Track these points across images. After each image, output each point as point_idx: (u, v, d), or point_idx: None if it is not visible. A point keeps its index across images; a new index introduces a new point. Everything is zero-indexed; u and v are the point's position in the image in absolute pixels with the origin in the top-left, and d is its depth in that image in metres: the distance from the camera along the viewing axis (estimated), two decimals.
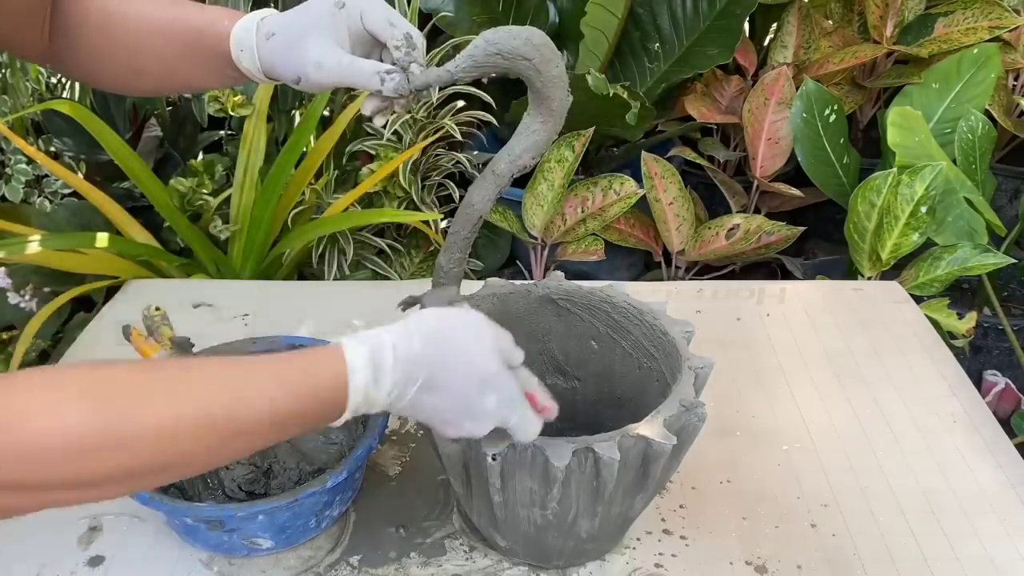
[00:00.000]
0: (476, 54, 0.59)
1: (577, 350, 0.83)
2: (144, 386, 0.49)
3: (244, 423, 0.51)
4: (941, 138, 1.66)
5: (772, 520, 0.79)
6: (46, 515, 0.78)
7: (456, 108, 1.77)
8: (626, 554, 0.76)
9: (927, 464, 0.86)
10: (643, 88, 1.96)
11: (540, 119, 0.62)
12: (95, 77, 0.76)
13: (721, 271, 2.03)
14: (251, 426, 0.52)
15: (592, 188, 1.79)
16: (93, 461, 0.47)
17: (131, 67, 0.72)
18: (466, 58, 0.59)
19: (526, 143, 0.63)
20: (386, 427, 0.75)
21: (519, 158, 0.63)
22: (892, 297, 1.14)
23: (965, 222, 1.53)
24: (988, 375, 1.80)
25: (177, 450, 0.49)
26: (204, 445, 0.50)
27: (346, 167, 1.77)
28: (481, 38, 0.59)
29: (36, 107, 1.59)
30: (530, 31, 0.59)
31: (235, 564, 0.75)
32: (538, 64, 0.59)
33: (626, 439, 0.62)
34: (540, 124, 0.62)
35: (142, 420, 0.48)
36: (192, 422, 0.49)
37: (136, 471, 0.49)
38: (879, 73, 1.99)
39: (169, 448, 0.49)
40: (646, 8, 1.95)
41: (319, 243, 1.63)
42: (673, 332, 0.74)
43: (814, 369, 1.00)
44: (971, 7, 1.84)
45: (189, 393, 0.50)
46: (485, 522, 0.71)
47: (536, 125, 0.62)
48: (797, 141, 1.79)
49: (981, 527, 0.79)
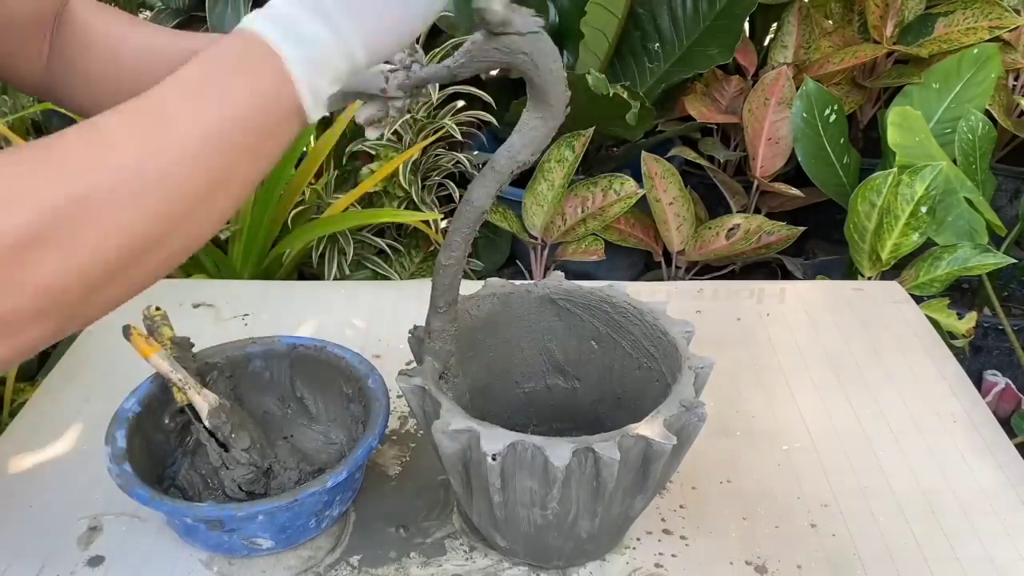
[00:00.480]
0: (474, 49, 0.59)
1: (577, 350, 0.83)
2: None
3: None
4: (941, 138, 1.66)
5: (772, 520, 0.79)
6: (46, 515, 0.79)
7: (456, 108, 1.77)
8: (626, 554, 0.76)
9: (927, 464, 0.86)
10: (643, 88, 1.96)
11: (539, 115, 0.62)
12: (94, 107, 0.74)
13: (721, 271, 2.03)
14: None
15: (592, 188, 1.80)
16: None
17: (132, 93, 0.72)
18: (464, 53, 0.59)
19: (525, 139, 0.63)
20: (386, 427, 0.75)
21: (519, 154, 0.63)
22: (892, 297, 1.14)
23: (965, 222, 1.53)
24: (988, 375, 1.80)
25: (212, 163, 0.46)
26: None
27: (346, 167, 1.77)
28: (479, 33, 0.59)
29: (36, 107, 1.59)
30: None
31: (235, 564, 0.75)
32: (536, 59, 0.58)
33: (626, 439, 0.62)
34: (539, 120, 0.62)
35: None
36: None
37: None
38: (879, 73, 1.99)
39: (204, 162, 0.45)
40: (646, 8, 1.95)
41: (319, 243, 1.63)
42: (673, 332, 0.74)
43: (814, 369, 1.00)
44: (971, 7, 1.84)
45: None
46: (485, 522, 0.71)
47: (535, 121, 0.62)
48: (797, 141, 1.79)
49: (981, 527, 0.79)
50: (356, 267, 1.70)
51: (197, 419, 0.76)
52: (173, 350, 0.76)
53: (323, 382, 0.84)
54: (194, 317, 1.07)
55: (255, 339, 0.84)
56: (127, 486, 0.69)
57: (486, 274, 1.94)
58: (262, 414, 0.84)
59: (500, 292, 0.81)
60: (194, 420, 0.77)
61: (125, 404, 0.75)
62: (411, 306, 1.09)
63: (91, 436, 0.88)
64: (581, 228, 1.81)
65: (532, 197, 1.78)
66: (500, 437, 0.62)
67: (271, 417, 0.85)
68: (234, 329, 1.05)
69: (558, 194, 1.77)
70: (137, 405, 0.75)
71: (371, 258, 1.73)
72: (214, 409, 0.75)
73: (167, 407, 0.78)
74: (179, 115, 0.45)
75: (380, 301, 1.11)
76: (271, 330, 0.92)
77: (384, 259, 1.75)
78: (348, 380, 0.81)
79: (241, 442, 0.76)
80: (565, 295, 0.81)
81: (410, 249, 1.83)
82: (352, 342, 0.85)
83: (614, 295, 0.79)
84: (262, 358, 0.83)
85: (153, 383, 0.77)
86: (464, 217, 0.66)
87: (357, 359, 0.81)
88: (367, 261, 1.72)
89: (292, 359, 0.84)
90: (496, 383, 0.83)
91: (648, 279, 2.05)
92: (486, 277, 0.85)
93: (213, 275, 1.52)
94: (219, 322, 1.07)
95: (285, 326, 1.04)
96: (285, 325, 1.04)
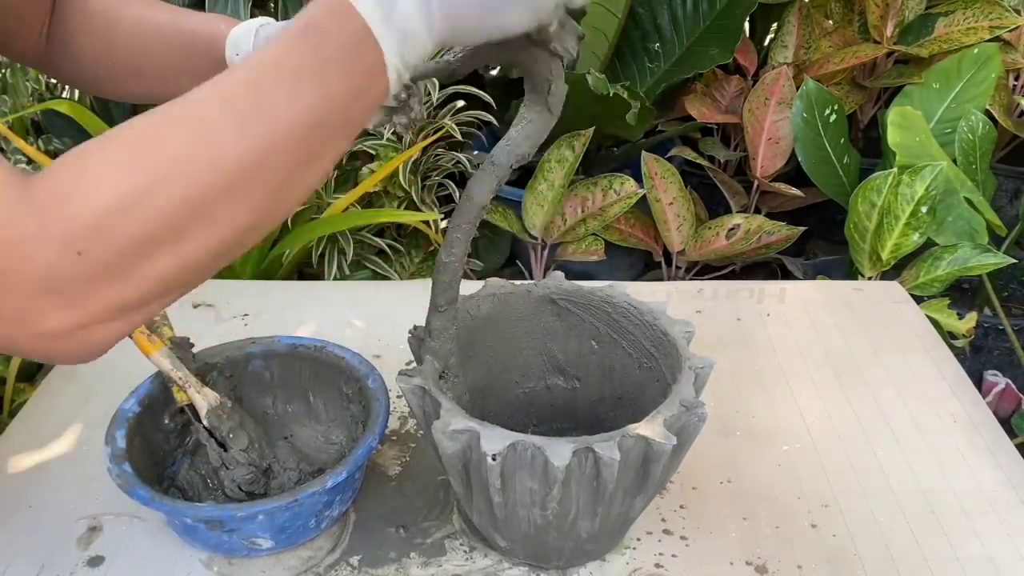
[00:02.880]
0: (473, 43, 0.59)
1: (577, 350, 0.83)
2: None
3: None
4: (941, 138, 1.66)
5: (772, 520, 0.79)
6: (46, 515, 0.79)
7: (456, 108, 1.77)
8: (626, 554, 0.76)
9: (927, 464, 0.86)
10: (643, 88, 1.96)
11: (536, 108, 0.62)
12: (90, 80, 0.75)
13: (721, 271, 2.03)
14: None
15: (592, 188, 1.79)
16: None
17: (126, 69, 0.72)
18: (464, 48, 0.59)
19: (523, 132, 0.63)
20: (386, 427, 0.75)
21: (518, 147, 0.63)
22: (892, 297, 1.14)
23: (965, 222, 1.53)
24: (988, 375, 1.80)
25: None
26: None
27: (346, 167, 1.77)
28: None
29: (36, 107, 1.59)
30: None
31: (235, 564, 0.75)
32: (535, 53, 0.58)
33: (626, 439, 0.62)
34: (536, 113, 0.62)
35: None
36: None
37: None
38: (879, 73, 1.99)
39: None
40: (646, 8, 1.95)
41: (319, 243, 1.63)
42: (673, 332, 0.74)
43: (814, 369, 1.00)
44: (971, 7, 1.84)
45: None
46: (485, 522, 0.71)
47: (532, 115, 0.62)
48: (797, 141, 1.79)
49: (981, 527, 0.79)
50: (356, 267, 1.70)
51: (197, 419, 0.76)
52: (173, 350, 0.76)
53: (323, 382, 0.84)
54: (194, 317, 1.07)
55: (255, 339, 0.84)
56: (127, 486, 0.69)
57: (486, 274, 1.94)
58: (262, 414, 0.84)
59: (500, 292, 0.81)
60: (194, 420, 0.77)
61: (125, 404, 0.75)
62: (411, 306, 1.09)
63: (91, 436, 0.88)
64: (581, 228, 1.80)
65: (532, 197, 1.78)
66: (500, 437, 0.62)
67: (271, 417, 0.85)
68: (234, 329, 1.05)
69: (558, 194, 1.77)
70: (137, 405, 0.75)
71: (371, 258, 1.73)
72: (213, 408, 0.75)
73: (167, 407, 0.78)
74: (276, 105, 0.45)
75: (380, 301, 1.11)
76: (271, 330, 0.92)
77: (384, 259, 1.75)
78: (348, 380, 0.81)
79: (240, 442, 0.76)
80: (565, 295, 0.81)
81: (410, 249, 1.83)
82: (352, 342, 0.85)
83: (614, 295, 0.79)
84: (262, 358, 0.83)
85: (153, 383, 0.77)
86: (464, 213, 0.66)
87: (357, 359, 0.81)
88: (367, 261, 1.72)
89: (292, 359, 0.84)
90: (496, 383, 0.83)
91: (648, 279, 2.05)
92: (486, 277, 0.85)
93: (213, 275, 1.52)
94: (219, 322, 1.07)
95: (285, 326, 1.04)
96: (285, 325, 1.04)
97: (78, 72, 0.74)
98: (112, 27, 0.71)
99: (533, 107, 0.62)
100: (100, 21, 0.71)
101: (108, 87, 0.75)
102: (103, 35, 0.71)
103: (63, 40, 0.72)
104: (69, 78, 0.77)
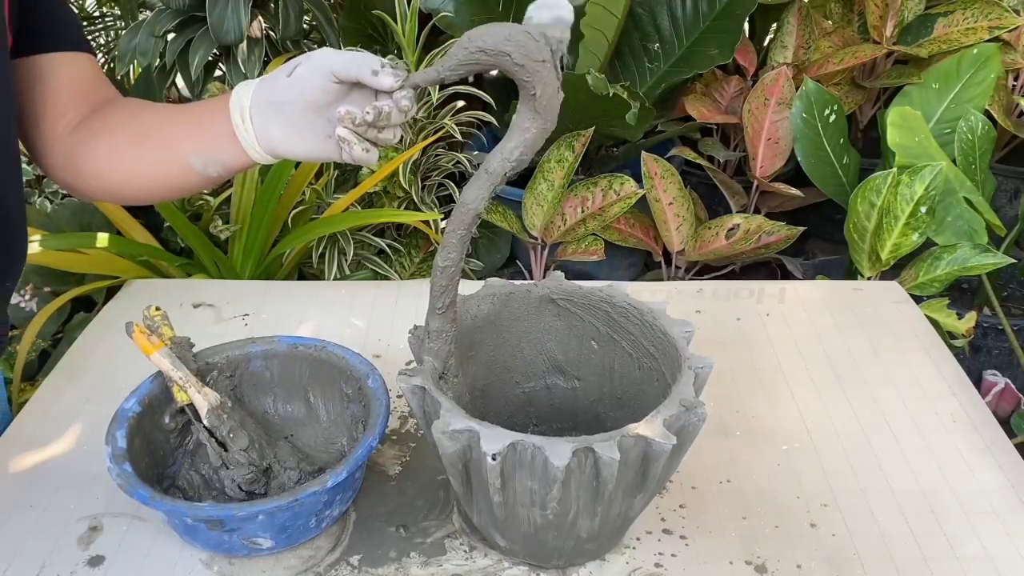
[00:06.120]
0: (460, 53, 0.59)
1: (577, 350, 0.83)
2: None
3: None
4: (941, 138, 1.66)
5: (772, 520, 0.79)
6: (46, 515, 0.79)
7: (456, 108, 1.77)
8: (626, 554, 0.76)
9: (927, 464, 0.86)
10: (643, 88, 1.97)
11: (529, 116, 0.62)
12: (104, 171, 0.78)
13: (721, 271, 2.03)
14: None
15: (592, 188, 1.80)
16: None
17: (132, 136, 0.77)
18: (451, 57, 0.60)
19: (517, 140, 0.63)
20: (386, 427, 0.75)
21: (511, 154, 0.63)
22: (892, 297, 1.14)
23: (965, 222, 1.53)
24: (988, 375, 1.80)
25: None
26: None
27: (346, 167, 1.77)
28: (465, 36, 0.59)
29: None
30: (511, 27, 0.59)
31: (235, 564, 0.75)
32: (520, 60, 0.59)
33: (626, 439, 0.62)
34: (529, 121, 0.62)
35: None
36: None
37: None
38: (879, 73, 1.99)
39: None
40: (646, 8, 1.95)
41: (319, 243, 1.63)
42: (673, 332, 0.74)
43: (814, 369, 1.00)
44: (971, 7, 1.84)
45: None
46: (485, 522, 0.71)
47: (526, 123, 0.62)
48: (797, 141, 1.79)
49: (981, 527, 0.79)
50: (356, 267, 1.70)
51: (197, 419, 0.76)
52: (173, 350, 0.76)
53: (323, 382, 0.84)
54: (194, 317, 1.07)
55: (255, 339, 0.84)
56: (127, 486, 0.69)
57: (486, 274, 1.94)
58: (262, 414, 0.85)
59: (500, 292, 0.81)
60: (194, 420, 0.77)
61: (125, 404, 0.75)
62: (411, 306, 1.09)
63: (91, 436, 0.88)
64: (581, 228, 1.81)
65: (532, 197, 1.78)
66: (500, 437, 0.62)
67: (271, 417, 0.85)
68: (234, 329, 1.05)
69: (558, 194, 1.77)
70: (137, 405, 0.75)
71: (371, 258, 1.73)
72: (214, 408, 0.75)
73: (167, 407, 0.78)
74: None
75: (380, 301, 1.11)
76: (271, 330, 0.92)
77: (384, 259, 1.75)
78: (348, 380, 0.81)
79: (240, 441, 0.76)
80: (565, 295, 0.81)
81: (410, 249, 1.83)
82: (352, 342, 0.85)
83: (614, 295, 0.79)
84: (262, 358, 0.83)
85: (153, 383, 0.78)
86: (459, 219, 0.66)
87: (357, 359, 0.81)
88: (367, 261, 1.72)
89: (292, 359, 0.84)
90: (496, 383, 0.83)
91: (648, 279, 2.06)
92: (486, 277, 0.85)
93: (213, 275, 1.52)
94: (219, 322, 1.07)
95: (285, 326, 1.04)
96: (285, 325, 1.04)
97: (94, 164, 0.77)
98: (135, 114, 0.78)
99: (526, 114, 0.62)
100: (125, 111, 0.78)
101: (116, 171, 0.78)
102: (125, 123, 0.77)
103: (91, 132, 0.76)
104: (83, 178, 0.80)
